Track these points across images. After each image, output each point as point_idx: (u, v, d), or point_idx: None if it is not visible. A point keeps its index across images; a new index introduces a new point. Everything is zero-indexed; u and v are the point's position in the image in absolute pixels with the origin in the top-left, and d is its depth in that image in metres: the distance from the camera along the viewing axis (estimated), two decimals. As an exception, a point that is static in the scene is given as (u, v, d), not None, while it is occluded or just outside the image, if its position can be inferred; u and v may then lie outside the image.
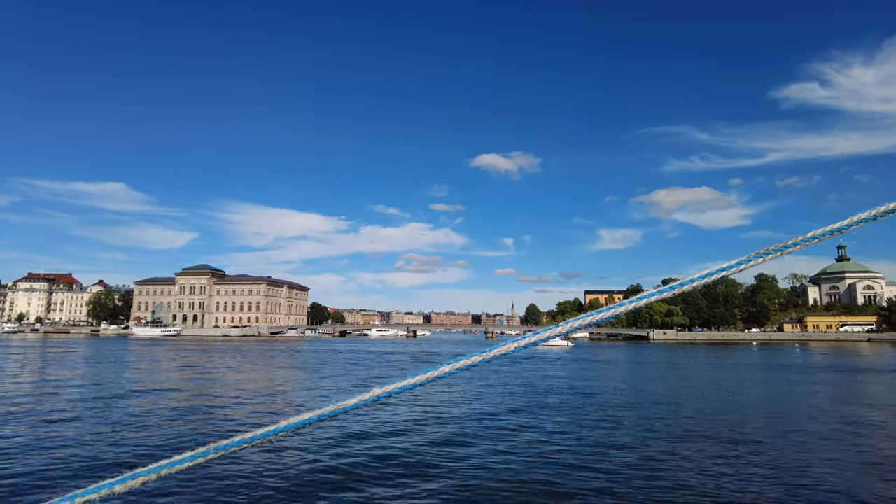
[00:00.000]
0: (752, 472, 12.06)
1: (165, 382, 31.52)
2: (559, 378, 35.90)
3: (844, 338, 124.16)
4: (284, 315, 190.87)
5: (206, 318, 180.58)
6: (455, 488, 10.88)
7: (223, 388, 28.45)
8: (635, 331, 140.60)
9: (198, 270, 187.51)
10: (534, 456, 13.49)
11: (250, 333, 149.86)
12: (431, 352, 74.44)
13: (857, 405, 23.69)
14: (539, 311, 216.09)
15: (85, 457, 13.21)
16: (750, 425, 17.99)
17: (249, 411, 20.92)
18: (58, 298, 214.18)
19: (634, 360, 56.88)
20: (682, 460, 13.07)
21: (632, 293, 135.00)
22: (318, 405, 0.93)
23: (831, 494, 10.47)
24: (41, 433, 15.91)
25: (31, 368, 41.29)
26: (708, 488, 10.76)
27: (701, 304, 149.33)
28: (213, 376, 35.87)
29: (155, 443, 14.86)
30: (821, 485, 11.08)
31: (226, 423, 18.14)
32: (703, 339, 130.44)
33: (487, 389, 28.11)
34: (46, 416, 18.84)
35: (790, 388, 30.54)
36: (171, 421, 18.30)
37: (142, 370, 40.60)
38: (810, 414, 20.74)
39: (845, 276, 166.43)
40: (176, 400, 23.61)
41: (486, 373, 37.93)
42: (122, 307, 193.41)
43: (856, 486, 11.16)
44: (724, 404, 23.60)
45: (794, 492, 10.59)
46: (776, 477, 11.62)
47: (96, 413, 19.76)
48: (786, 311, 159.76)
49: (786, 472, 12.05)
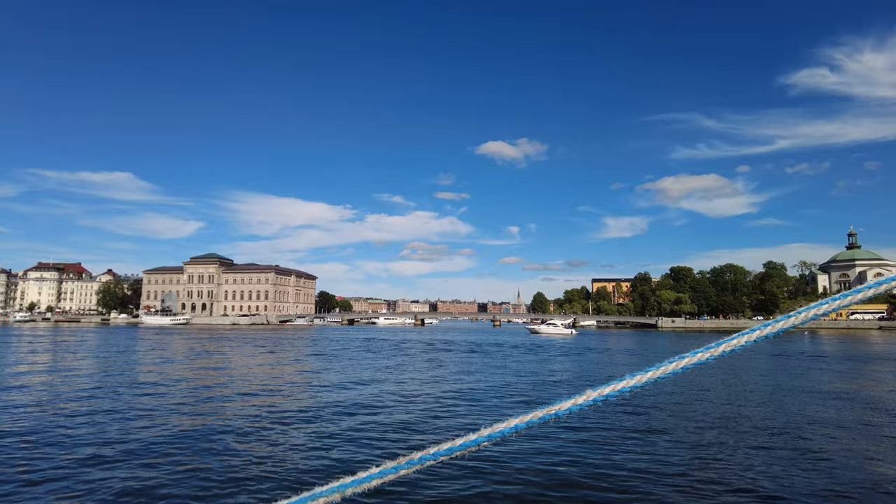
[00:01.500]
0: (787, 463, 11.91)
1: (219, 372, 31.53)
2: (568, 371, 35.70)
3: (855, 326, 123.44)
4: (292, 304, 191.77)
5: (214, 307, 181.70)
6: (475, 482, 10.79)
7: (270, 378, 27.78)
8: (644, 319, 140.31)
9: (206, 259, 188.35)
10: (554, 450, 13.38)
11: (259, 322, 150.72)
12: (444, 339, 74.57)
13: (878, 392, 23.46)
14: (546, 299, 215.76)
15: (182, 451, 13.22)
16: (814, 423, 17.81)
17: (317, 402, 19.84)
18: (67, 288, 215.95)
19: (641, 350, 56.68)
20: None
21: (639, 281, 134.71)
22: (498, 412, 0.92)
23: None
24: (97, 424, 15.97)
25: (56, 357, 41.57)
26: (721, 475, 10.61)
27: (709, 292, 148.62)
28: (252, 366, 35.44)
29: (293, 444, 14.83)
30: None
31: (305, 415, 17.40)
32: (711, 326, 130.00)
33: (494, 377, 28.02)
34: (101, 406, 18.92)
35: (828, 378, 30.32)
36: (271, 412, 18.07)
37: (176, 360, 40.66)
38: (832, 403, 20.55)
39: (856, 264, 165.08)
40: (240, 389, 23.29)
41: (491, 365, 37.87)
42: (130, 296, 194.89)
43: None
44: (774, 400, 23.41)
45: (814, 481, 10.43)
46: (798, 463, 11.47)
47: (172, 405, 19.83)
48: (795, 300, 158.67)
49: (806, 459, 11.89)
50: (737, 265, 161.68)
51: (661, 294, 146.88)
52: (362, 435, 14.35)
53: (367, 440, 13.83)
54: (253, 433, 14.53)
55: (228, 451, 12.61)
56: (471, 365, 35.75)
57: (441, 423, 15.95)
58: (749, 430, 15.15)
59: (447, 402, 19.90)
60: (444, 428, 15.33)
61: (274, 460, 11.93)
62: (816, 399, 21.29)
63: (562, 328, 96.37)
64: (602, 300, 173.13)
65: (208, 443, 13.36)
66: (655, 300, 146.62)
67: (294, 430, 14.99)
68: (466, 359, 41.11)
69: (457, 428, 15.25)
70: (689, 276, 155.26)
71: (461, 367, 33.95)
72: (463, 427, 15.31)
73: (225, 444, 13.29)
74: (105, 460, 11.80)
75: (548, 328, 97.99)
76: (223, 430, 14.76)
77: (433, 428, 15.30)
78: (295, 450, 12.80)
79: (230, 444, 13.30)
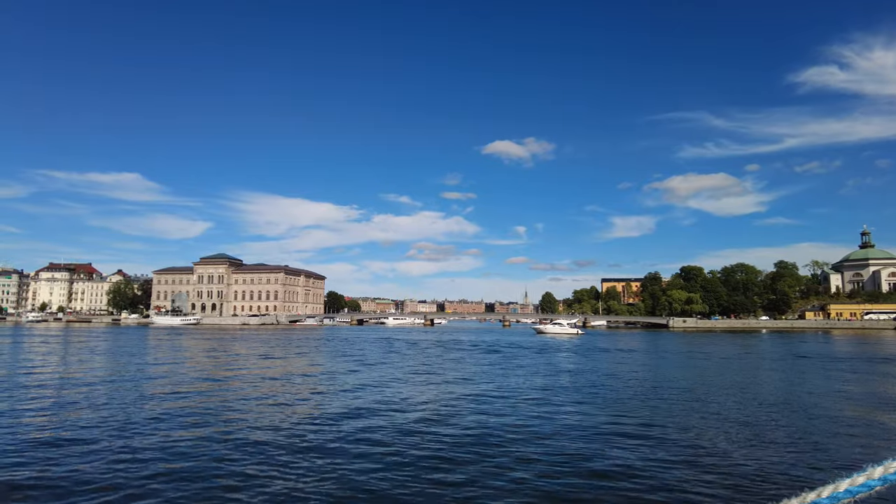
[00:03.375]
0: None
1: (278, 380, 31.51)
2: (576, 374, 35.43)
3: (870, 326, 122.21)
4: (302, 304, 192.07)
5: (224, 307, 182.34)
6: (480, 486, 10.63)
7: (307, 381, 27.55)
8: (654, 318, 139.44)
9: (216, 259, 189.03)
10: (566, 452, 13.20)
11: (269, 322, 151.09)
12: (459, 339, 74.57)
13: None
14: (555, 299, 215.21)
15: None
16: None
17: (405, 408, 19.35)
18: (79, 288, 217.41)
19: (655, 353, 56.21)
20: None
21: (650, 281, 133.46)
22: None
23: None
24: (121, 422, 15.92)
25: (76, 359, 41.80)
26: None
27: (720, 292, 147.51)
28: (278, 366, 35.61)
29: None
30: None
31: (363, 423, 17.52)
32: (723, 326, 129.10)
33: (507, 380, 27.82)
34: (129, 406, 18.90)
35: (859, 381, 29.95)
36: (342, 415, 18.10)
37: (206, 361, 40.77)
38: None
39: (869, 263, 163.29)
40: (284, 392, 23.41)
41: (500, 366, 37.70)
42: (141, 296, 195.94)
43: None
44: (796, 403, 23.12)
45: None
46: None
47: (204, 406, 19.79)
48: (807, 299, 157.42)
49: None
50: (748, 264, 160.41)
51: (672, 294, 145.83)
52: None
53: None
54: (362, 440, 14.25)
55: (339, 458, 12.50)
56: (520, 366, 35.57)
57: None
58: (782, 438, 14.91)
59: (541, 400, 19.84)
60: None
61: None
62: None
63: (568, 328, 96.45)
64: (612, 300, 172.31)
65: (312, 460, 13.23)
66: (666, 300, 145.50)
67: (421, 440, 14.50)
68: (499, 360, 41.00)
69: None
70: (699, 275, 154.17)
71: (509, 368, 34.01)
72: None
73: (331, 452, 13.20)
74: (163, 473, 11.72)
75: (554, 328, 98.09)
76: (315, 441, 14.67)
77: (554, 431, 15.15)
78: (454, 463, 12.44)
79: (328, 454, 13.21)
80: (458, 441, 14.10)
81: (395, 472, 11.43)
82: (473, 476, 11.14)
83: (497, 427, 15.85)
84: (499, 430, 15.50)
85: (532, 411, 18.66)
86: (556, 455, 12.76)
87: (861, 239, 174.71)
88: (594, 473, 11.36)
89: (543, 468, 11.73)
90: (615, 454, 12.87)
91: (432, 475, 11.19)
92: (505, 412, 18.48)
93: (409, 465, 11.94)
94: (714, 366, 37.49)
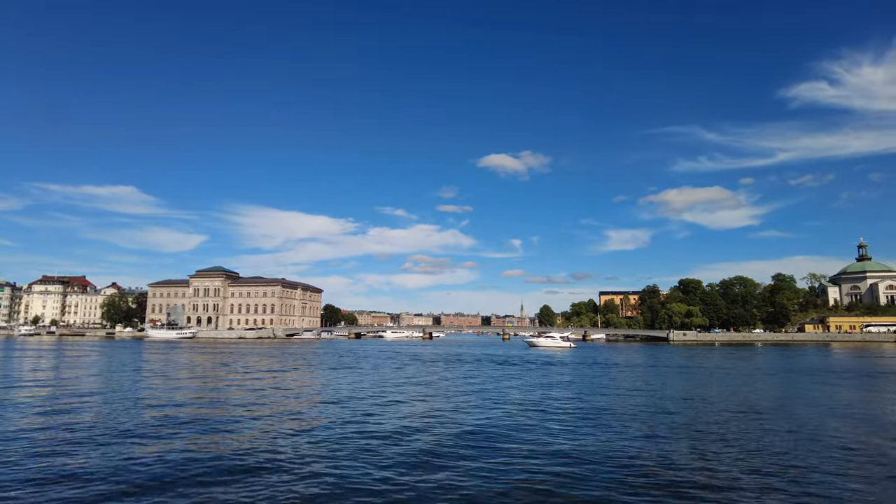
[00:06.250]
0: None
1: (285, 392, 30.44)
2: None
3: (870, 339, 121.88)
4: (298, 317, 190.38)
5: (220, 321, 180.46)
6: None
7: (316, 398, 26.48)
8: (655, 332, 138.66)
9: (212, 272, 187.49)
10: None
11: (266, 335, 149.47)
12: (457, 352, 73.66)
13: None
14: (552, 311, 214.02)
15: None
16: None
17: (423, 423, 19.08)
18: (72, 301, 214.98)
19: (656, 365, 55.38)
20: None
21: (648, 294, 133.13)
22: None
23: None
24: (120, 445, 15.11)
25: (69, 374, 40.66)
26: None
27: (720, 305, 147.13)
28: (286, 383, 34.36)
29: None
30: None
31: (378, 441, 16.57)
32: (723, 339, 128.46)
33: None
34: (130, 429, 18.06)
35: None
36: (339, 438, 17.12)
37: (208, 377, 39.73)
38: None
39: (867, 276, 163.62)
40: (291, 410, 22.45)
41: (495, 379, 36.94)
42: (135, 309, 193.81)
43: None
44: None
45: None
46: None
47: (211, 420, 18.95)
48: (806, 312, 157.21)
49: None
50: (746, 277, 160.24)
51: (672, 307, 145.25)
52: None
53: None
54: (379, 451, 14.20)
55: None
56: (534, 383, 34.66)
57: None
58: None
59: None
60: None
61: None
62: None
63: (560, 341, 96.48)
64: (610, 313, 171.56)
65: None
66: (666, 313, 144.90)
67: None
68: (506, 372, 40.05)
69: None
70: (698, 288, 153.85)
71: (518, 383, 33.05)
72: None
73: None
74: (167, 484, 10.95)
75: (546, 341, 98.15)
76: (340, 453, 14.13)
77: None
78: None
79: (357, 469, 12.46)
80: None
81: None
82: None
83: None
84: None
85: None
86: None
87: (858, 252, 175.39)
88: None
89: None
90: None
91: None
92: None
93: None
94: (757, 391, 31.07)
